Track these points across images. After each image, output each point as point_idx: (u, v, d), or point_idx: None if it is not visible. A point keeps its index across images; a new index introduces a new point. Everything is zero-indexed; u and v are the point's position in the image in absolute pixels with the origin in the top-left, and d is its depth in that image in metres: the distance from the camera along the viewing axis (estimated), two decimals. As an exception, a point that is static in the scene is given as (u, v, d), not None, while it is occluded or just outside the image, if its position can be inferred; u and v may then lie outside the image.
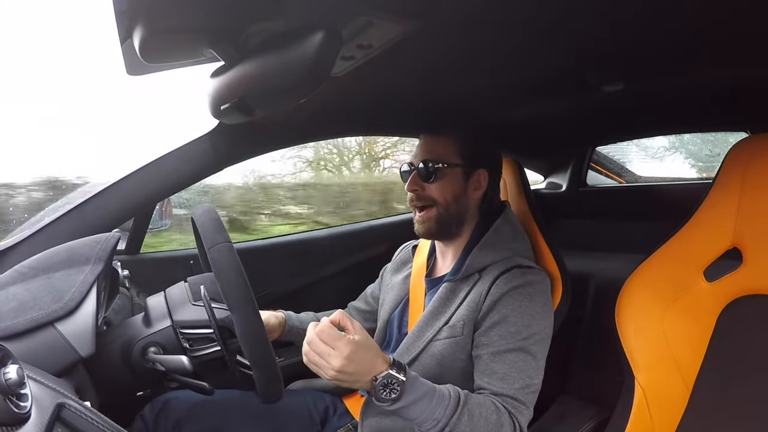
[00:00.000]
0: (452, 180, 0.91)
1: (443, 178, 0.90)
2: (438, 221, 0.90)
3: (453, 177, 0.91)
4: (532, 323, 0.80)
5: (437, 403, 0.70)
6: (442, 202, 0.90)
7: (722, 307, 0.78)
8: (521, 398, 0.76)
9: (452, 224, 0.92)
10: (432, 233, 0.92)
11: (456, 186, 0.91)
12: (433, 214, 0.90)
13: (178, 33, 0.55)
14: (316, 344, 0.67)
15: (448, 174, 0.90)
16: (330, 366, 0.66)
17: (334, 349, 0.66)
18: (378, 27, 0.58)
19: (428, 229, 0.91)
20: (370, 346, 0.69)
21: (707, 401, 0.77)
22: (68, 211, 0.87)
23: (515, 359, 0.77)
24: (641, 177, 1.81)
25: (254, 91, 0.58)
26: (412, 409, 0.69)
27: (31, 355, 0.59)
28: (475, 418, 0.71)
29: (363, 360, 0.67)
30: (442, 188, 0.90)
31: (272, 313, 0.99)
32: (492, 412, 0.73)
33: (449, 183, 0.90)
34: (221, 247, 0.65)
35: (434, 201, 0.90)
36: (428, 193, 0.90)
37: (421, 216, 0.92)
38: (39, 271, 0.66)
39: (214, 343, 0.75)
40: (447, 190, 0.90)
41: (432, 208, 0.90)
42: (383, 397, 0.68)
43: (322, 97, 0.64)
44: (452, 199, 0.91)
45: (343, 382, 0.68)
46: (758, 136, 0.81)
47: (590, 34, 0.68)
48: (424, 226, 0.91)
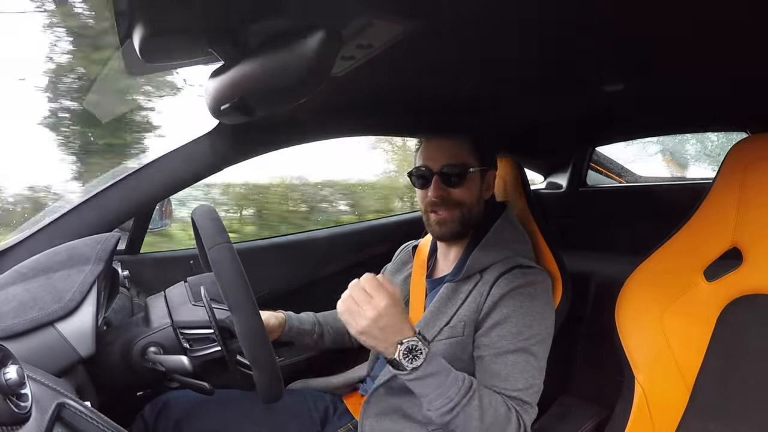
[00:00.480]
0: (474, 182, 0.90)
1: (467, 182, 0.89)
2: (462, 222, 0.89)
3: (474, 179, 0.90)
4: (534, 323, 0.80)
5: (452, 382, 0.71)
6: (468, 204, 0.89)
7: (722, 307, 0.78)
8: (525, 398, 0.76)
9: (472, 226, 0.91)
10: (454, 234, 0.90)
11: (477, 187, 0.91)
12: (457, 215, 0.89)
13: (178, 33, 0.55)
14: (357, 291, 0.68)
15: (470, 177, 0.90)
16: (364, 315, 0.67)
17: (373, 298, 0.67)
18: (378, 27, 0.58)
19: (451, 231, 0.89)
20: (403, 310, 0.70)
21: (707, 401, 0.77)
22: (68, 211, 0.87)
23: (517, 360, 0.77)
24: (641, 177, 1.81)
25: (254, 91, 0.58)
26: (428, 381, 0.70)
27: (31, 355, 0.59)
28: (485, 406, 0.71)
29: (394, 319, 0.68)
30: (467, 191, 0.89)
31: (272, 314, 0.99)
32: (501, 405, 0.73)
33: (473, 186, 0.90)
34: (221, 248, 0.64)
35: (460, 203, 0.89)
36: (454, 197, 0.89)
37: (442, 217, 0.89)
38: (39, 272, 0.66)
39: (214, 344, 0.75)
40: (471, 193, 0.90)
41: (455, 209, 0.89)
42: (405, 363, 0.68)
43: (322, 97, 0.64)
44: (475, 201, 0.90)
45: (370, 339, 0.68)
46: (758, 136, 0.82)
47: (590, 34, 0.68)
48: (447, 227, 0.89)
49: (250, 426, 0.89)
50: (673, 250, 0.84)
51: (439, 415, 0.70)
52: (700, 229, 0.82)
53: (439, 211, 0.90)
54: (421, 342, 0.69)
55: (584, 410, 1.02)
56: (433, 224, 0.91)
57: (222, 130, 0.94)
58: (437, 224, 0.90)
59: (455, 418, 0.70)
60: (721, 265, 0.80)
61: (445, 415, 0.70)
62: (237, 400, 0.92)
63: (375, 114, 1.11)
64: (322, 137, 1.15)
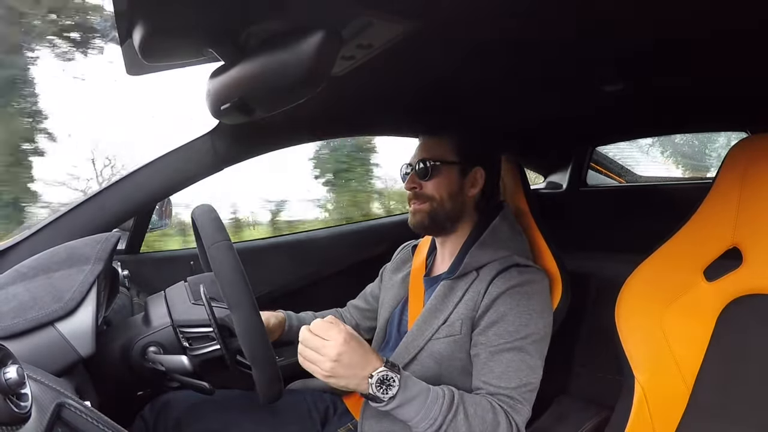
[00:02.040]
0: (447, 177, 0.91)
1: (439, 176, 0.91)
2: (430, 215, 0.92)
3: (448, 174, 0.91)
4: (530, 322, 0.80)
5: (432, 401, 0.70)
6: (437, 198, 0.91)
7: (722, 307, 0.78)
8: (518, 397, 0.75)
9: (446, 220, 0.93)
10: (424, 226, 0.93)
11: (451, 183, 0.92)
12: (426, 207, 0.92)
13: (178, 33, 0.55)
14: (310, 339, 0.68)
15: (444, 171, 0.91)
16: (326, 357, 0.67)
17: (327, 340, 0.67)
18: (378, 27, 0.58)
19: (420, 221, 0.93)
20: (362, 343, 0.70)
21: (707, 401, 0.77)
22: (68, 211, 0.87)
23: (512, 358, 0.77)
24: (641, 177, 1.81)
25: (254, 91, 0.58)
26: (408, 408, 0.70)
27: (31, 354, 0.59)
28: (470, 416, 0.71)
29: (356, 353, 0.68)
30: (438, 185, 0.91)
31: (272, 314, 0.99)
32: (488, 411, 0.73)
33: (445, 180, 0.91)
34: (220, 246, 0.64)
35: (430, 197, 0.91)
36: (425, 190, 0.92)
37: (414, 208, 0.93)
38: (39, 271, 0.66)
39: (213, 342, 0.75)
40: (442, 186, 0.91)
41: (426, 203, 0.92)
42: (380, 396, 0.68)
43: (322, 97, 0.64)
44: (447, 195, 0.91)
45: (340, 379, 0.67)
46: (758, 136, 0.81)
47: (590, 34, 0.68)
48: (416, 218, 0.93)
49: (250, 426, 0.89)
50: (673, 250, 0.84)
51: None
52: (700, 229, 0.82)
53: (413, 203, 0.93)
54: (390, 371, 0.69)
55: (584, 410, 1.02)
56: (410, 215, 0.95)
57: (222, 130, 0.94)
58: (411, 214, 0.94)
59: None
60: (721, 265, 0.80)
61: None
62: (237, 401, 0.92)
63: (375, 114, 1.11)
64: (322, 137, 1.15)
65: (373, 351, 0.70)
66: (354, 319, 1.13)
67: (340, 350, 0.66)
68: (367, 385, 0.68)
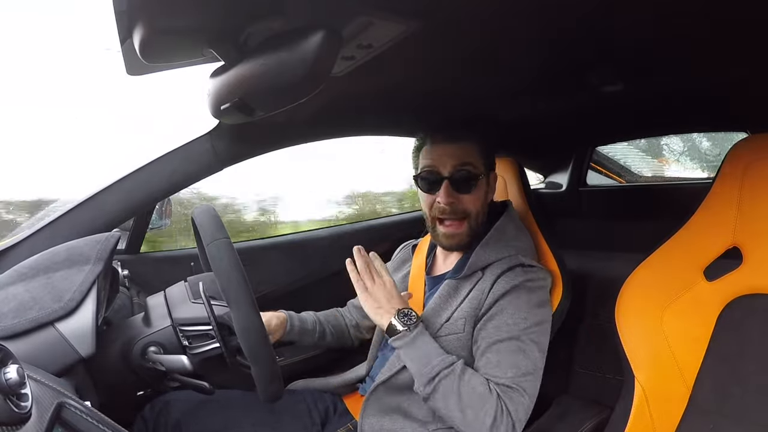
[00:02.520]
0: (483, 189, 0.89)
1: (478, 188, 0.88)
2: (470, 235, 0.89)
3: (483, 185, 0.89)
4: (529, 316, 0.80)
5: (436, 352, 0.77)
6: (474, 214, 0.88)
7: (722, 307, 0.78)
8: (513, 385, 0.75)
9: (478, 234, 0.90)
10: (462, 247, 0.91)
11: (484, 194, 0.90)
12: (465, 228, 0.88)
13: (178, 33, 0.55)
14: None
15: (480, 183, 0.88)
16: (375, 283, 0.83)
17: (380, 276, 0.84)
18: (378, 27, 0.58)
19: (459, 243, 0.90)
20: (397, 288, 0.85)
21: (707, 401, 0.77)
22: (68, 211, 0.87)
23: (509, 347, 0.78)
24: (641, 177, 1.81)
25: (254, 91, 0.58)
26: (420, 344, 0.77)
27: (31, 355, 0.59)
28: (463, 382, 0.74)
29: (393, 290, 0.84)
30: (477, 198, 0.88)
31: (274, 314, 0.99)
32: (481, 384, 0.74)
33: (481, 192, 0.89)
34: (219, 243, 0.65)
35: (468, 213, 0.88)
36: (463, 204, 0.87)
37: (450, 230, 0.88)
38: (39, 271, 0.66)
39: (213, 340, 0.75)
40: (480, 199, 0.89)
41: (464, 221, 0.88)
42: (399, 327, 0.78)
43: (322, 97, 0.64)
44: (482, 208, 0.89)
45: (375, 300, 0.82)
46: (758, 136, 0.82)
47: (590, 34, 0.68)
48: (455, 240, 0.89)
49: (251, 426, 0.89)
50: (673, 250, 0.84)
51: (422, 385, 0.75)
52: (700, 229, 0.82)
53: (447, 222, 0.88)
54: (414, 312, 0.81)
55: (584, 410, 1.02)
56: (441, 236, 0.90)
57: (222, 130, 0.94)
58: (445, 237, 0.90)
59: (435, 392, 0.74)
60: (721, 264, 0.79)
61: (427, 386, 0.74)
62: (237, 401, 0.92)
63: (375, 114, 1.11)
64: (322, 137, 1.15)
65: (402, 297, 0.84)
66: (354, 318, 1.13)
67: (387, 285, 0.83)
68: (395, 313, 0.80)
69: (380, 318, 0.81)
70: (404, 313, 0.80)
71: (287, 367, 1.21)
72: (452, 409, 0.73)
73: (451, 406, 0.73)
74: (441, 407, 0.75)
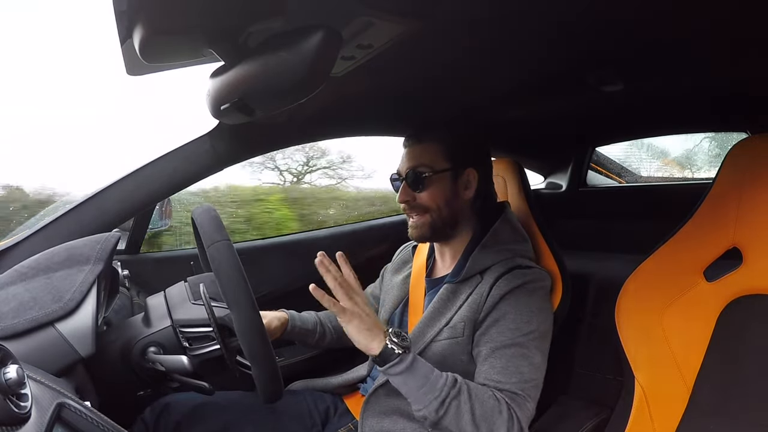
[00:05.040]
0: (441, 185, 0.90)
1: (432, 185, 0.89)
2: (431, 226, 0.91)
3: (441, 182, 0.90)
4: (532, 320, 0.80)
5: (437, 376, 0.73)
6: (434, 208, 0.90)
7: (722, 307, 0.78)
8: (520, 392, 0.75)
9: (446, 227, 0.92)
10: (426, 238, 0.93)
11: (446, 190, 0.90)
12: (427, 220, 0.91)
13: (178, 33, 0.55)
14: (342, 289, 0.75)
15: (436, 180, 0.90)
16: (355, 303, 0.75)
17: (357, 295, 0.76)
18: (378, 27, 0.58)
19: (422, 235, 0.92)
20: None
21: (707, 401, 0.77)
22: (68, 211, 0.87)
23: (513, 354, 0.77)
24: (641, 177, 1.81)
25: (254, 91, 0.58)
26: (418, 366, 0.72)
27: (31, 355, 0.59)
28: (473, 398, 0.72)
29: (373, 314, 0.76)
30: (432, 195, 0.90)
31: (275, 314, 0.99)
32: (490, 398, 0.73)
33: (438, 189, 0.90)
34: (220, 245, 0.64)
35: (426, 208, 0.90)
36: (420, 201, 0.91)
37: (414, 221, 0.92)
38: (39, 271, 0.66)
39: (213, 342, 0.75)
40: (437, 196, 0.90)
41: (425, 214, 0.91)
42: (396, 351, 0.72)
43: (322, 97, 0.64)
44: (444, 203, 0.90)
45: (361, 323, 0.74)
46: (758, 136, 0.82)
47: (590, 34, 0.68)
48: (418, 231, 0.92)
49: (251, 427, 0.89)
50: (673, 250, 0.84)
51: (432, 410, 0.71)
52: (700, 229, 0.82)
53: (412, 216, 0.93)
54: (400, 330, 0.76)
55: (584, 410, 1.02)
56: (410, 227, 0.94)
57: (222, 130, 0.94)
58: (411, 228, 0.94)
59: (447, 414, 0.71)
60: (721, 265, 0.80)
61: (439, 410, 0.71)
62: (237, 402, 0.92)
63: (375, 114, 1.11)
64: (322, 137, 1.15)
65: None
66: None
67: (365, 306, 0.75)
68: (384, 336, 0.73)
69: (370, 341, 0.73)
70: (396, 333, 0.73)
71: (287, 367, 1.21)
72: (465, 427, 0.71)
73: (464, 423, 0.71)
74: (452, 426, 0.72)
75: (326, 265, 0.76)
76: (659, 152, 2.06)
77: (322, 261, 0.76)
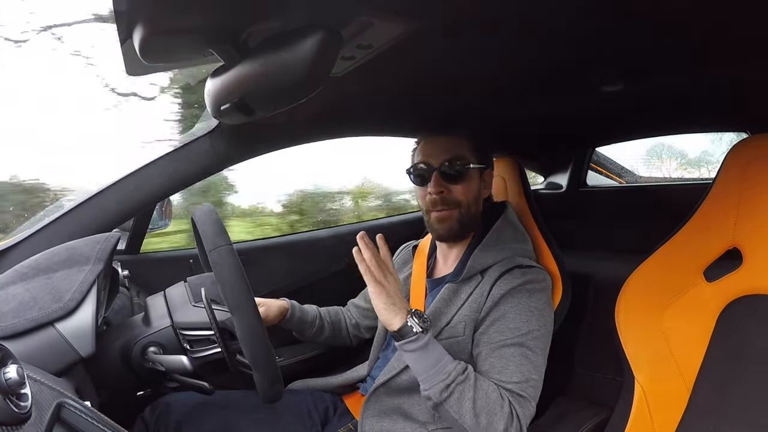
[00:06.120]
0: (473, 180, 0.90)
1: (466, 179, 0.89)
2: (460, 222, 0.89)
3: (473, 177, 0.90)
4: (531, 319, 0.80)
5: (449, 359, 0.74)
6: (465, 203, 0.89)
7: (722, 307, 0.78)
8: (520, 392, 0.75)
9: (470, 225, 0.91)
10: (454, 234, 0.91)
11: (476, 186, 0.91)
12: (456, 214, 0.89)
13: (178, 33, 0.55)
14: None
15: (471, 174, 0.89)
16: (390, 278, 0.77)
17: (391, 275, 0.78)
18: (378, 27, 0.58)
19: (449, 230, 0.89)
20: None
21: (707, 401, 0.77)
22: (68, 211, 0.87)
23: (513, 353, 0.77)
24: (641, 177, 1.81)
25: (254, 91, 0.58)
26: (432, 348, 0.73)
27: (31, 355, 0.59)
28: (477, 388, 0.72)
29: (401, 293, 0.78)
30: (467, 189, 0.89)
31: (275, 302, 1.00)
32: (494, 391, 0.73)
33: (472, 183, 0.90)
34: (222, 250, 0.65)
35: (458, 202, 0.89)
36: (453, 194, 0.89)
37: (441, 215, 0.89)
38: (39, 271, 0.66)
39: (214, 345, 0.75)
40: (470, 190, 0.89)
41: (455, 209, 0.89)
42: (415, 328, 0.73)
43: (322, 97, 0.64)
44: (473, 200, 0.90)
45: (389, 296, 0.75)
46: (758, 136, 0.82)
47: (590, 34, 0.68)
48: (445, 225, 0.89)
49: (250, 427, 0.89)
50: (673, 250, 0.84)
51: (437, 392, 0.72)
52: (700, 229, 0.82)
53: (438, 210, 0.90)
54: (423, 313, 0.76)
55: (584, 411, 1.02)
56: (434, 222, 0.91)
57: (222, 130, 0.94)
58: (437, 221, 0.90)
59: (450, 397, 0.71)
60: (721, 265, 0.80)
61: (443, 392, 0.71)
62: (237, 402, 0.92)
63: (375, 114, 1.11)
64: (322, 137, 1.15)
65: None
66: (354, 318, 1.13)
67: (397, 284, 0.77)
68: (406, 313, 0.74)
69: (392, 316, 0.74)
70: (418, 314, 0.75)
71: (287, 367, 1.21)
72: (465, 414, 0.71)
73: (464, 411, 0.71)
74: (453, 412, 0.72)
75: (366, 242, 0.78)
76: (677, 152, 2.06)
77: (363, 237, 0.78)
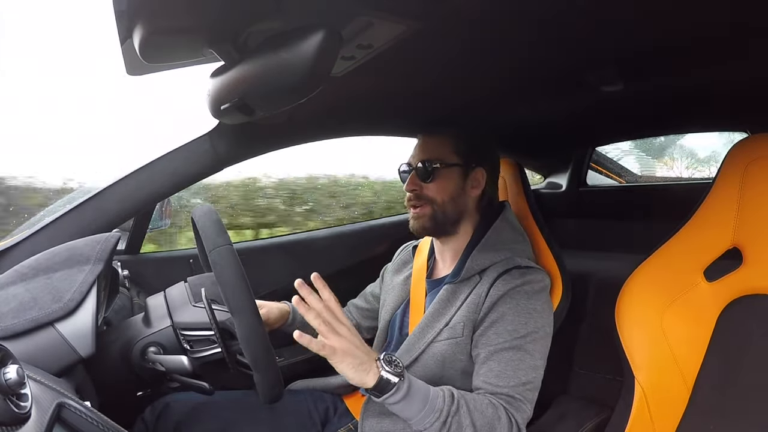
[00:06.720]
0: (450, 179, 0.91)
1: (441, 178, 0.90)
2: (433, 218, 0.91)
3: (450, 176, 0.91)
4: (530, 321, 0.80)
5: (435, 396, 0.71)
6: (438, 201, 0.91)
7: (722, 307, 0.78)
8: (517, 395, 0.75)
9: (447, 222, 0.92)
10: (426, 230, 0.93)
11: (453, 185, 0.91)
12: (428, 211, 0.91)
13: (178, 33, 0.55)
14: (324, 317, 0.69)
15: (446, 173, 0.91)
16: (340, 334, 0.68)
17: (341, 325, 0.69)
18: (378, 27, 0.58)
19: (422, 226, 0.92)
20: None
21: (707, 401, 0.77)
22: (68, 211, 0.87)
23: (512, 357, 0.77)
24: (641, 177, 1.82)
25: (254, 91, 0.58)
26: (415, 390, 0.69)
27: (31, 355, 0.59)
28: (472, 411, 0.71)
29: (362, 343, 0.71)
30: (440, 187, 0.91)
31: (276, 305, 1.00)
32: (488, 406, 0.73)
33: (447, 182, 0.91)
34: (222, 250, 0.65)
35: (431, 200, 0.91)
36: (426, 192, 0.91)
37: (416, 212, 0.92)
38: (39, 271, 0.66)
39: (214, 345, 0.75)
40: (444, 189, 0.91)
41: (427, 206, 0.91)
42: (392, 378, 0.67)
43: (322, 97, 0.64)
44: (449, 198, 0.91)
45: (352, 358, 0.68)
46: (758, 136, 0.81)
47: (590, 34, 0.68)
48: (418, 222, 0.92)
49: (251, 427, 0.89)
50: (673, 250, 0.84)
51: (435, 431, 0.69)
52: (700, 229, 0.82)
53: (415, 206, 0.92)
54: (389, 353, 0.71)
55: (584, 410, 1.02)
56: (411, 219, 0.94)
57: (222, 130, 0.94)
58: (413, 219, 0.93)
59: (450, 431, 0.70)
60: (721, 265, 0.79)
61: (442, 430, 0.69)
62: (237, 402, 0.92)
63: (375, 114, 1.11)
64: (322, 137, 1.15)
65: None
66: (354, 318, 1.13)
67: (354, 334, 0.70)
68: (377, 366, 0.68)
69: (364, 375, 0.67)
70: (387, 360, 0.69)
71: (287, 367, 1.21)
72: None
73: None
74: None
75: (306, 295, 0.69)
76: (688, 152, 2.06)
77: (302, 286, 0.70)
